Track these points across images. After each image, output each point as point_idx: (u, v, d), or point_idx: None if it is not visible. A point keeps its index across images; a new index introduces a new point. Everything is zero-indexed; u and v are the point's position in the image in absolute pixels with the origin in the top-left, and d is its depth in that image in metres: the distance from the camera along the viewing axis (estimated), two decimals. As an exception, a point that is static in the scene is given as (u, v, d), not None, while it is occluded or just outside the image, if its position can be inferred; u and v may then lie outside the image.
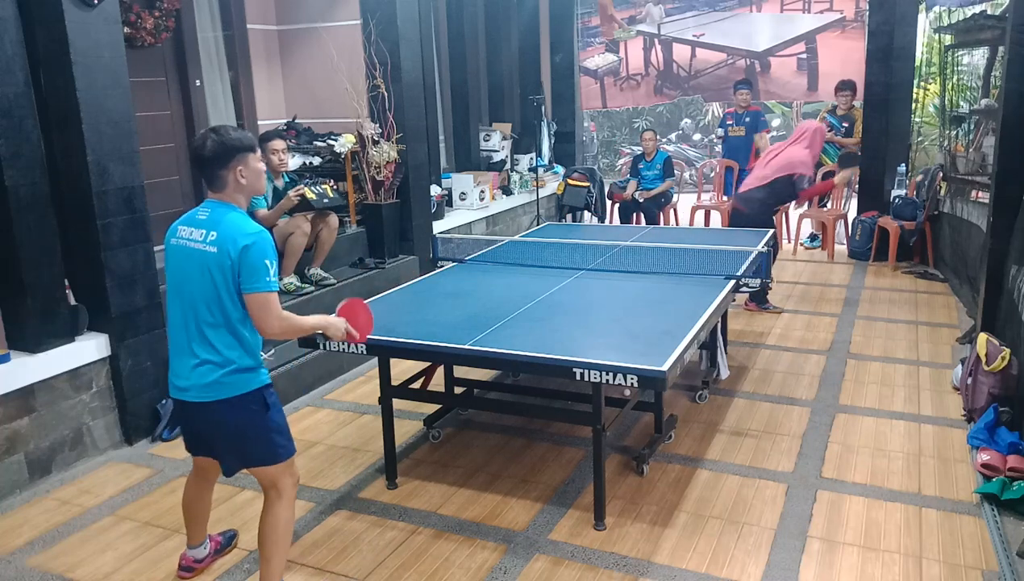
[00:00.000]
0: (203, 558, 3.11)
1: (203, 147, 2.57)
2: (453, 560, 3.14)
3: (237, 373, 2.61)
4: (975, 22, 6.49)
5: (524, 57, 9.86)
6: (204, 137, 2.58)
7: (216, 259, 2.54)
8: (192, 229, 2.61)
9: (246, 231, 2.55)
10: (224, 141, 2.57)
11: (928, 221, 7.41)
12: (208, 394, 2.61)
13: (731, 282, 4.15)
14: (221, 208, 2.62)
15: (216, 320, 2.59)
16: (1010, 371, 4.01)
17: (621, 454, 3.97)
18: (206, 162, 2.58)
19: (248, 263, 2.51)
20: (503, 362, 3.31)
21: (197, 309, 2.60)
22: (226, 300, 2.57)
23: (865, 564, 3.02)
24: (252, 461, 2.72)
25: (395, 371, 3.79)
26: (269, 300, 2.55)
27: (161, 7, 5.37)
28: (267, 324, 2.57)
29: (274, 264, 2.57)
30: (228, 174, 2.60)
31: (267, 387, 2.69)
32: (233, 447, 2.70)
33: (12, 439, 3.78)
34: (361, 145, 6.12)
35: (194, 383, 2.62)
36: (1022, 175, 4.56)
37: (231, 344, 2.61)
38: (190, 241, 2.60)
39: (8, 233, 3.76)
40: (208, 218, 2.60)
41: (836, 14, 8.76)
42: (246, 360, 2.64)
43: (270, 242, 2.59)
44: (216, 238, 2.55)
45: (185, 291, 2.61)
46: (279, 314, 2.58)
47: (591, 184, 9.12)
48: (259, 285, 2.53)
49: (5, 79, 3.65)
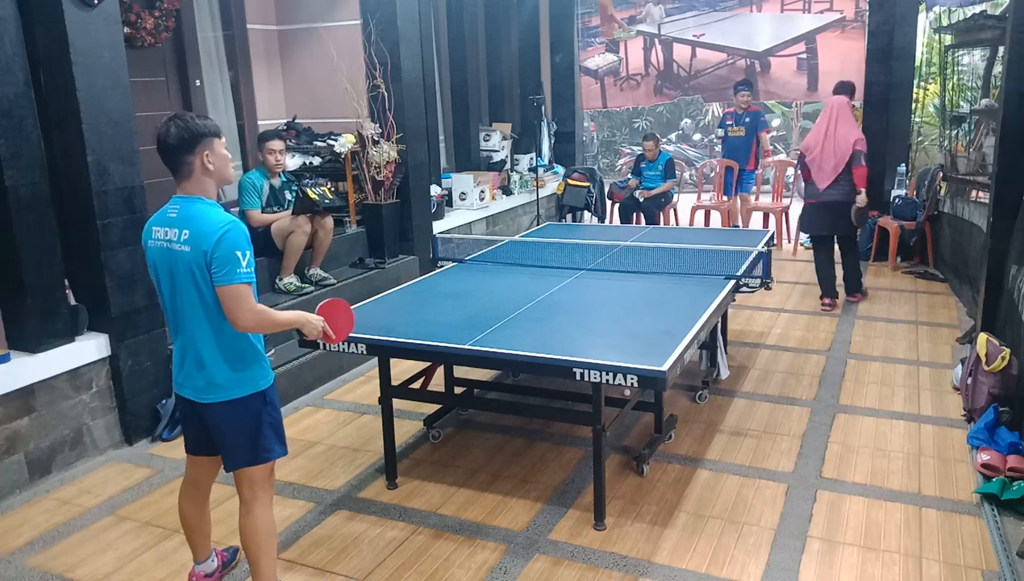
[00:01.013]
0: (212, 573, 3.02)
1: (167, 134, 2.49)
2: (453, 560, 3.14)
3: (240, 374, 2.60)
4: (975, 22, 6.49)
5: (524, 57, 9.86)
6: (167, 125, 2.51)
7: (191, 258, 2.48)
8: (166, 229, 2.54)
9: (216, 224, 2.47)
10: (188, 126, 2.50)
11: (928, 221, 7.41)
12: (211, 395, 2.60)
13: (731, 282, 4.15)
14: (189, 203, 2.54)
15: (209, 321, 2.55)
16: (1010, 371, 4.01)
17: (621, 454, 3.97)
18: (172, 149, 2.50)
19: (219, 255, 2.44)
20: (503, 362, 3.31)
21: (190, 311, 2.56)
22: (209, 300, 2.52)
23: (865, 564, 3.02)
24: (248, 460, 2.68)
25: (395, 371, 3.79)
26: (241, 292, 2.47)
27: (161, 7, 5.37)
28: (240, 317, 2.49)
29: (247, 255, 2.49)
30: (195, 160, 2.53)
31: (270, 387, 2.69)
32: (233, 445, 2.68)
33: (12, 439, 3.78)
34: (361, 145, 6.12)
35: (197, 383, 2.61)
36: (1022, 175, 4.57)
37: (221, 347, 2.58)
38: (166, 241, 2.54)
39: (8, 233, 3.76)
40: (178, 215, 2.53)
41: (836, 14, 8.76)
42: (248, 359, 2.62)
43: (243, 232, 2.51)
44: (188, 237, 2.48)
45: (175, 293, 2.57)
46: (252, 307, 2.50)
47: (591, 184, 9.12)
48: (230, 277, 2.45)
49: (5, 79, 3.65)
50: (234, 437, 2.66)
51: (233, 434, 2.65)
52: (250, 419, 2.64)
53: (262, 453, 2.68)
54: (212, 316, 2.55)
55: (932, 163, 7.95)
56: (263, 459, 2.69)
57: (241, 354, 2.61)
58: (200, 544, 2.97)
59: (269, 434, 2.68)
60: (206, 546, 2.99)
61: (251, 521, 2.70)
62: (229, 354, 2.59)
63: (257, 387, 2.64)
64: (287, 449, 2.78)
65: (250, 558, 2.73)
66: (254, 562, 2.72)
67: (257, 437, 2.66)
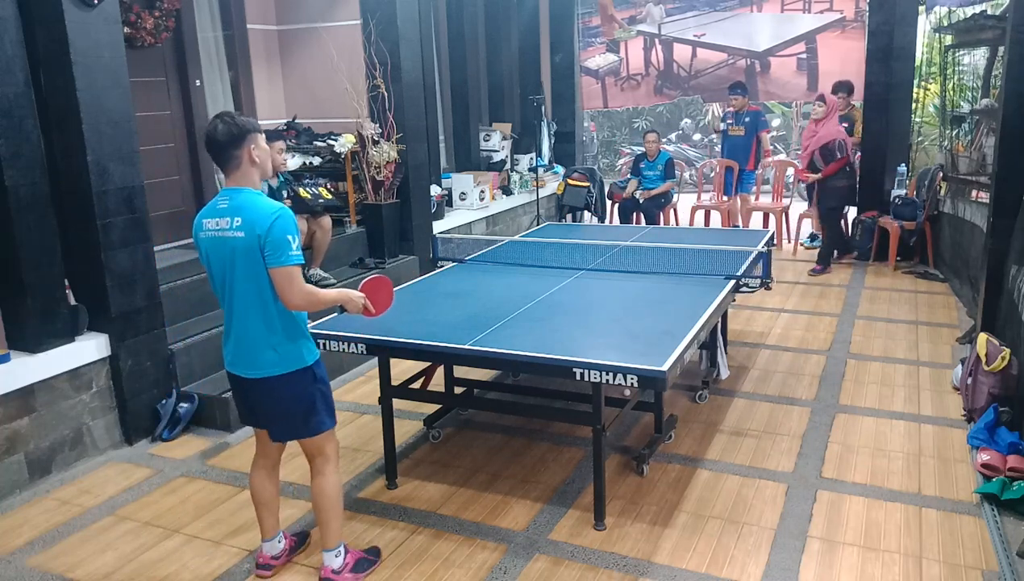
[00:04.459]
0: (279, 554, 3.10)
1: (216, 131, 2.68)
2: (453, 560, 3.14)
3: (288, 350, 2.76)
4: (975, 22, 6.49)
5: (524, 57, 9.86)
6: (215, 123, 2.70)
7: (245, 243, 2.65)
8: (217, 219, 2.71)
9: (267, 210, 2.65)
10: (236, 123, 2.70)
11: (928, 221, 7.40)
12: (262, 370, 2.76)
13: (731, 282, 4.15)
14: (238, 193, 2.71)
15: (261, 301, 2.71)
16: (1010, 371, 4.01)
17: (621, 454, 3.97)
18: (221, 145, 2.69)
19: (272, 239, 2.62)
20: (503, 362, 3.31)
21: (242, 293, 2.72)
22: (263, 282, 2.69)
23: (865, 564, 3.02)
24: (302, 433, 2.85)
25: (395, 371, 3.79)
26: (292, 273, 2.66)
27: (161, 7, 5.38)
28: (291, 296, 2.67)
29: (296, 239, 2.68)
30: (242, 154, 2.71)
31: (317, 362, 2.85)
32: (283, 419, 2.84)
33: (12, 439, 3.78)
34: (361, 145, 6.12)
35: (248, 360, 2.77)
36: (1022, 175, 4.56)
37: (278, 324, 2.74)
38: (218, 231, 2.70)
39: (8, 233, 3.76)
40: (229, 205, 2.70)
41: (836, 14, 8.76)
42: (296, 336, 2.78)
43: (292, 218, 2.69)
44: (241, 223, 2.65)
45: (228, 278, 2.73)
46: (301, 287, 2.69)
47: (591, 184, 9.12)
48: (283, 259, 2.63)
49: (5, 79, 3.65)
50: (285, 410, 2.82)
51: (284, 407, 2.81)
52: (301, 392, 2.80)
53: (314, 425, 2.84)
54: (264, 296, 2.71)
55: (932, 163, 7.95)
56: (315, 431, 2.85)
57: (290, 332, 2.77)
58: (268, 520, 3.07)
59: (320, 407, 2.85)
60: (274, 524, 3.09)
61: (324, 482, 2.89)
62: (279, 332, 2.75)
63: (305, 362, 2.80)
64: (336, 420, 2.93)
65: (322, 518, 2.92)
66: (325, 522, 2.92)
67: (308, 410, 2.82)
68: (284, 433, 2.90)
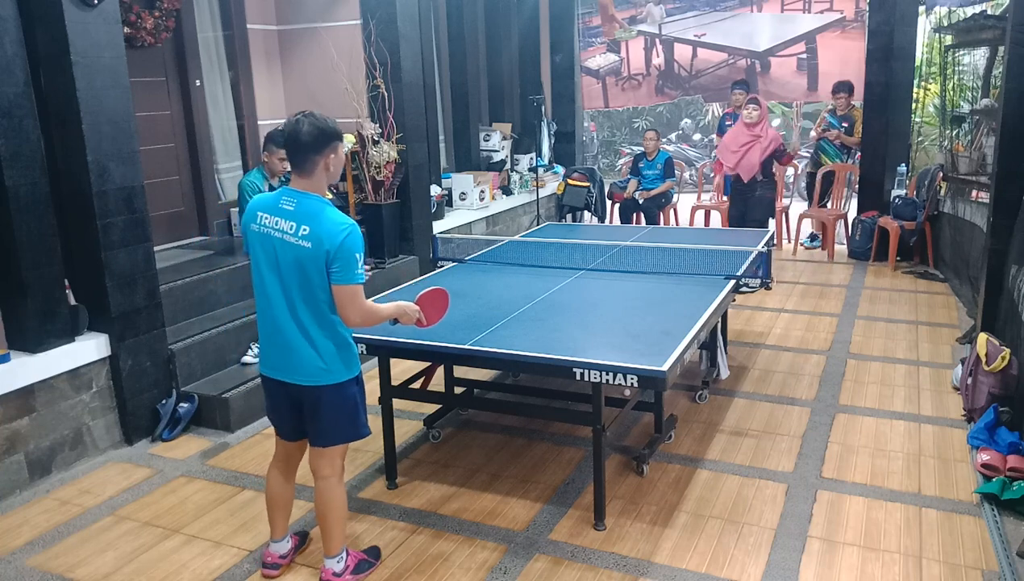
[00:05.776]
0: (287, 553, 3.11)
1: (300, 131, 2.60)
2: (453, 560, 3.14)
3: (342, 360, 2.78)
4: (975, 22, 6.49)
5: (524, 57, 9.86)
6: (300, 121, 2.62)
7: (311, 254, 2.60)
8: (279, 219, 2.65)
9: (338, 225, 2.60)
10: (322, 127, 2.62)
11: (928, 221, 7.41)
12: (319, 378, 2.76)
13: (731, 282, 4.15)
14: (307, 199, 2.65)
15: (313, 310, 2.69)
16: (1010, 371, 4.01)
17: (621, 454, 3.97)
18: (302, 146, 2.61)
19: (341, 256, 2.58)
20: (503, 362, 3.31)
21: (293, 299, 2.70)
22: (319, 292, 2.66)
23: (865, 564, 3.02)
24: (350, 436, 2.89)
25: (395, 371, 3.80)
26: (356, 292, 2.64)
27: (161, 7, 5.38)
28: (351, 313, 2.66)
29: (362, 257, 2.65)
30: (320, 160, 2.65)
31: (360, 371, 2.88)
32: (333, 424, 2.84)
33: (12, 439, 3.78)
34: (361, 145, 6.12)
35: (295, 366, 2.76)
36: (1022, 175, 4.57)
37: (328, 333, 2.73)
38: (277, 230, 2.65)
39: (8, 233, 3.76)
40: (296, 210, 2.63)
41: (836, 14, 8.76)
42: (345, 346, 2.79)
43: (360, 236, 2.66)
44: (309, 233, 2.59)
45: (278, 280, 2.70)
46: (362, 305, 2.68)
47: (591, 184, 9.12)
48: (349, 277, 2.61)
49: (5, 79, 3.65)
50: (335, 416, 2.82)
51: (335, 413, 2.82)
52: (351, 399, 2.84)
53: (361, 429, 2.91)
54: (322, 308, 2.70)
55: (932, 163, 7.94)
56: (361, 435, 2.91)
57: (344, 342, 2.80)
58: (279, 521, 3.08)
59: (363, 413, 2.91)
60: (284, 524, 3.10)
61: (331, 490, 2.88)
62: (333, 343, 2.76)
63: (353, 372, 2.85)
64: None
65: (327, 526, 2.91)
66: (329, 530, 2.91)
67: (355, 416, 2.87)
68: (332, 438, 2.86)
